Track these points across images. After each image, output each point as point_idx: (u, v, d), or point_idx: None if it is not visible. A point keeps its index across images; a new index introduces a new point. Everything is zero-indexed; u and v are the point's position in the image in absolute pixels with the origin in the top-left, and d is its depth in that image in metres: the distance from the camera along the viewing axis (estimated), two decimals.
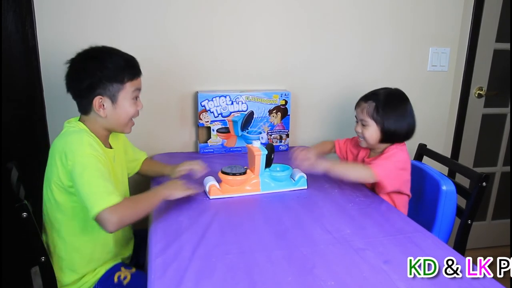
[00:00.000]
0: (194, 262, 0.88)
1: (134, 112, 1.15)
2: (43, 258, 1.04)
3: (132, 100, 1.13)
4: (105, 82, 1.07)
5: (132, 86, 1.12)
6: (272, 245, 0.96)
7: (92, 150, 1.02)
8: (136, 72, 1.14)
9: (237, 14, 1.66)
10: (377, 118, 1.30)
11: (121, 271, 1.14)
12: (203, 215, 1.12)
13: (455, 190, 1.32)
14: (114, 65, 1.08)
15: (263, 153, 1.24)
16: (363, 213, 1.16)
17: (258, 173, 1.27)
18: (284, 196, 1.27)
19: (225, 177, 1.24)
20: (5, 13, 1.48)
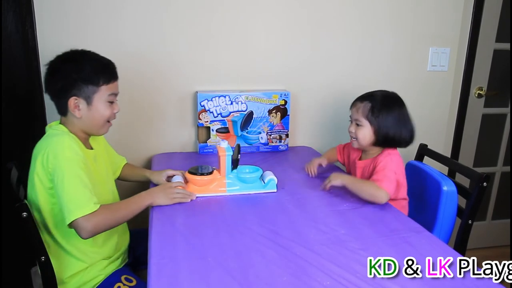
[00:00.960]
0: (190, 263, 0.89)
1: (110, 115, 1.16)
2: (43, 257, 1.04)
3: (107, 103, 1.14)
4: (80, 83, 1.09)
5: (107, 90, 1.13)
6: (267, 246, 0.97)
7: (73, 154, 1.04)
8: (112, 76, 1.15)
9: (237, 14, 1.66)
10: (372, 119, 1.30)
11: (121, 282, 1.14)
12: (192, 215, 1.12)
13: (456, 191, 1.32)
14: (90, 67, 1.11)
15: (228, 154, 1.25)
16: (358, 214, 1.16)
17: (224, 173, 1.27)
18: (276, 195, 1.27)
19: (191, 176, 1.24)
20: (5, 13, 1.48)
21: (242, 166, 1.32)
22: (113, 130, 1.63)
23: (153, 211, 1.15)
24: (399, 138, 1.30)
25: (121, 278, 1.16)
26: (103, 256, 1.18)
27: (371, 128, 1.30)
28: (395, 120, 1.29)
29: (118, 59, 1.58)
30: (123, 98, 1.62)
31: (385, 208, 1.20)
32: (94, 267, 1.15)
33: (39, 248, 1.04)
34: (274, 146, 1.73)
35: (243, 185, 1.28)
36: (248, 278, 0.84)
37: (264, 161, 1.60)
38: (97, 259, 1.16)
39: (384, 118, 1.29)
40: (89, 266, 1.14)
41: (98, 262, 1.16)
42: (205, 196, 1.25)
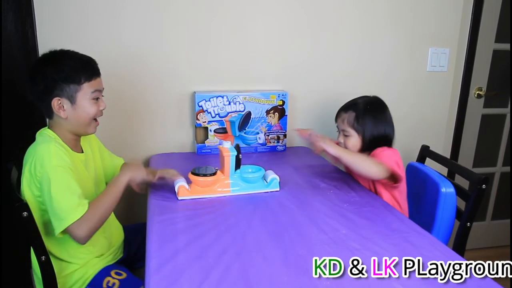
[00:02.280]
0: (190, 263, 0.88)
1: (96, 112, 1.15)
2: (43, 257, 1.04)
3: (92, 101, 1.13)
4: (61, 83, 1.08)
5: (90, 87, 1.12)
6: (268, 245, 0.97)
7: (59, 161, 1.04)
8: (93, 72, 1.13)
9: (235, 14, 1.66)
10: (358, 127, 1.33)
11: (110, 276, 1.14)
12: (196, 216, 1.12)
13: (455, 192, 1.31)
14: (70, 66, 1.09)
15: (232, 154, 1.24)
16: (358, 213, 1.15)
17: (228, 174, 1.27)
18: (276, 196, 1.27)
19: (195, 177, 1.24)
20: (5, 13, 1.49)
21: (245, 166, 1.32)
22: (110, 130, 1.65)
23: (153, 211, 1.14)
24: (385, 138, 1.34)
25: (111, 272, 1.15)
26: (95, 255, 1.18)
27: (359, 136, 1.34)
28: (379, 122, 1.34)
29: (117, 59, 1.60)
30: (121, 98, 1.64)
31: (386, 208, 1.20)
32: (85, 266, 1.15)
33: (39, 248, 1.04)
34: (272, 147, 1.73)
35: (247, 185, 1.28)
36: (249, 278, 0.84)
37: (262, 161, 1.59)
38: (88, 259, 1.16)
39: (369, 124, 1.33)
40: (80, 267, 1.14)
41: (89, 261, 1.16)
42: (208, 197, 1.25)
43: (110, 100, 1.63)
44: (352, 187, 1.35)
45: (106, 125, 1.64)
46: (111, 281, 1.13)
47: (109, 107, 1.64)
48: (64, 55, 1.12)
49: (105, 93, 1.64)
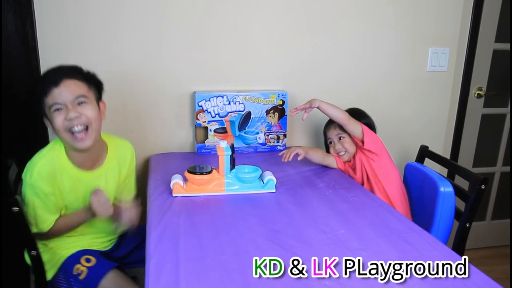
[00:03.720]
0: (189, 263, 0.88)
1: (61, 123, 1.06)
2: (34, 252, 1.06)
3: (54, 113, 1.07)
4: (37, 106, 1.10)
5: (49, 101, 1.06)
6: (266, 246, 0.97)
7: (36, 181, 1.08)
8: (46, 86, 1.06)
9: (235, 14, 1.66)
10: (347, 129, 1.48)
11: (80, 263, 1.14)
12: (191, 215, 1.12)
13: (453, 192, 1.31)
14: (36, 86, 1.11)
15: (226, 153, 1.25)
16: (357, 213, 1.16)
17: (223, 173, 1.27)
18: (275, 195, 1.27)
19: (190, 176, 1.25)
20: (5, 13, 1.49)
21: (242, 166, 1.32)
22: (111, 130, 1.64)
23: (151, 211, 1.15)
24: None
25: (81, 259, 1.16)
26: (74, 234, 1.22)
27: (348, 135, 1.49)
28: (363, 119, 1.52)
29: (117, 59, 1.60)
30: (121, 98, 1.64)
31: (385, 208, 1.20)
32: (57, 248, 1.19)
33: (29, 243, 1.06)
34: (272, 146, 1.73)
35: (242, 185, 1.28)
36: (247, 278, 0.84)
37: (262, 161, 1.60)
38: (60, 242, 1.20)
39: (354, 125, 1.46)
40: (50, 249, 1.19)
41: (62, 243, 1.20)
42: (204, 196, 1.25)
43: (110, 100, 1.63)
44: (351, 187, 1.35)
45: (106, 125, 1.64)
46: (80, 268, 1.13)
47: (109, 107, 1.64)
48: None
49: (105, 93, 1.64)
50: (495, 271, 1.56)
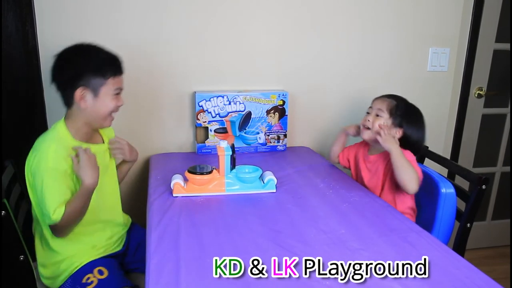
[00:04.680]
0: (189, 263, 0.89)
1: (114, 107, 1.18)
2: (22, 257, 1.06)
3: (113, 96, 1.17)
4: (88, 74, 1.12)
5: (114, 83, 1.16)
6: (267, 246, 0.97)
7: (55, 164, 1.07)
8: (119, 70, 1.18)
9: (235, 14, 1.66)
10: (394, 115, 1.34)
11: (92, 273, 1.14)
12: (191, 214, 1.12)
13: (455, 193, 1.31)
14: (98, 60, 1.14)
15: (227, 153, 1.25)
16: (357, 213, 1.16)
17: (224, 173, 1.27)
18: (275, 195, 1.27)
19: (191, 176, 1.25)
20: (5, 13, 1.49)
21: (242, 166, 1.32)
22: None
23: (151, 211, 1.15)
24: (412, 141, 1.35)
25: (94, 270, 1.16)
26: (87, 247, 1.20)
27: (389, 117, 1.35)
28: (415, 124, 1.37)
29: None
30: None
31: (385, 208, 1.20)
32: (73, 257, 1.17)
33: (17, 247, 1.05)
34: (272, 146, 1.73)
35: (242, 185, 1.28)
36: (247, 278, 0.84)
37: (262, 161, 1.60)
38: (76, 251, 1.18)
39: (404, 120, 1.34)
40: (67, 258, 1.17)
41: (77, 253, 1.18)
42: (204, 196, 1.25)
43: None
44: (352, 187, 1.35)
45: None
46: (90, 278, 1.14)
47: None
48: (94, 48, 1.16)
49: None
50: (495, 271, 1.56)
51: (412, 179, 1.23)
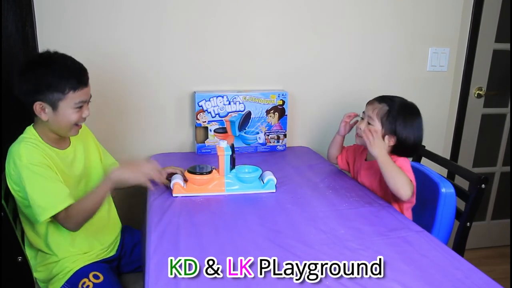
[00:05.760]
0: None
1: (77, 119, 1.13)
2: (20, 258, 1.05)
3: (74, 109, 1.11)
4: (44, 91, 1.07)
5: (74, 98, 1.10)
6: (266, 246, 0.97)
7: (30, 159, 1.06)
8: (80, 83, 1.10)
9: (235, 14, 1.66)
10: (386, 123, 1.29)
11: (87, 277, 1.14)
12: (191, 214, 1.12)
13: (455, 193, 1.31)
14: (57, 74, 1.08)
15: (226, 153, 1.25)
16: (357, 213, 1.16)
17: (223, 173, 1.27)
18: (274, 195, 1.27)
19: (191, 176, 1.25)
20: (5, 13, 1.48)
21: (242, 166, 1.32)
22: (111, 130, 1.65)
23: (151, 211, 1.15)
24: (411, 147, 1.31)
25: (89, 274, 1.15)
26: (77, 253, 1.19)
27: (381, 130, 1.29)
28: (407, 127, 1.29)
29: (117, 59, 1.60)
30: (121, 98, 1.64)
31: (385, 208, 1.20)
32: (65, 260, 1.17)
33: (15, 248, 1.05)
34: (272, 146, 1.73)
35: (242, 184, 1.28)
36: (247, 278, 0.84)
37: (262, 161, 1.60)
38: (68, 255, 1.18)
39: (397, 126, 1.28)
40: (59, 260, 1.16)
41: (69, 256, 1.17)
42: (204, 196, 1.25)
43: (110, 100, 1.64)
44: (351, 187, 1.35)
45: (106, 125, 1.65)
46: (86, 283, 1.13)
47: (109, 107, 1.65)
48: (55, 61, 1.10)
49: (106, 93, 1.65)
50: (495, 271, 1.55)
51: (404, 185, 1.18)
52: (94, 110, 1.61)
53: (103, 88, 1.61)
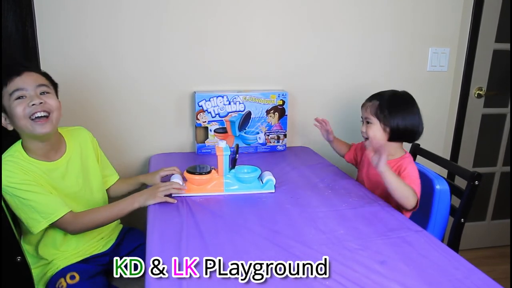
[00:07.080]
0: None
1: (23, 111, 1.05)
2: (19, 258, 1.05)
3: (15, 103, 1.05)
4: None
5: (9, 88, 1.05)
6: (266, 246, 0.97)
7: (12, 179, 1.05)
8: (6, 76, 1.05)
9: (235, 14, 1.66)
10: (380, 115, 1.31)
11: (64, 277, 1.14)
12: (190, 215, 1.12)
13: (449, 189, 1.33)
14: None
15: (225, 153, 1.25)
16: (356, 213, 1.16)
17: (222, 173, 1.27)
18: (274, 196, 1.27)
19: (189, 176, 1.25)
20: (5, 13, 1.49)
21: (241, 166, 1.32)
22: (111, 130, 1.65)
23: (151, 211, 1.15)
24: (410, 131, 1.32)
25: (67, 275, 1.15)
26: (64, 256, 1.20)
27: (380, 125, 1.31)
28: (403, 115, 1.31)
29: (117, 59, 1.60)
30: (121, 98, 1.64)
31: (384, 208, 1.20)
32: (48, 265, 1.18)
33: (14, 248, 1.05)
34: (272, 146, 1.73)
35: (241, 185, 1.28)
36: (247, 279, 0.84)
37: (262, 161, 1.60)
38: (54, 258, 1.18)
39: (392, 114, 1.30)
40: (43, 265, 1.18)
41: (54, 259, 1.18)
42: (203, 196, 1.25)
43: (110, 100, 1.64)
44: (351, 187, 1.35)
45: (106, 125, 1.65)
46: (61, 283, 1.13)
47: (109, 107, 1.65)
48: None
49: (106, 93, 1.65)
50: (495, 271, 1.55)
51: (407, 198, 1.19)
52: (94, 110, 1.62)
53: (103, 88, 1.61)
